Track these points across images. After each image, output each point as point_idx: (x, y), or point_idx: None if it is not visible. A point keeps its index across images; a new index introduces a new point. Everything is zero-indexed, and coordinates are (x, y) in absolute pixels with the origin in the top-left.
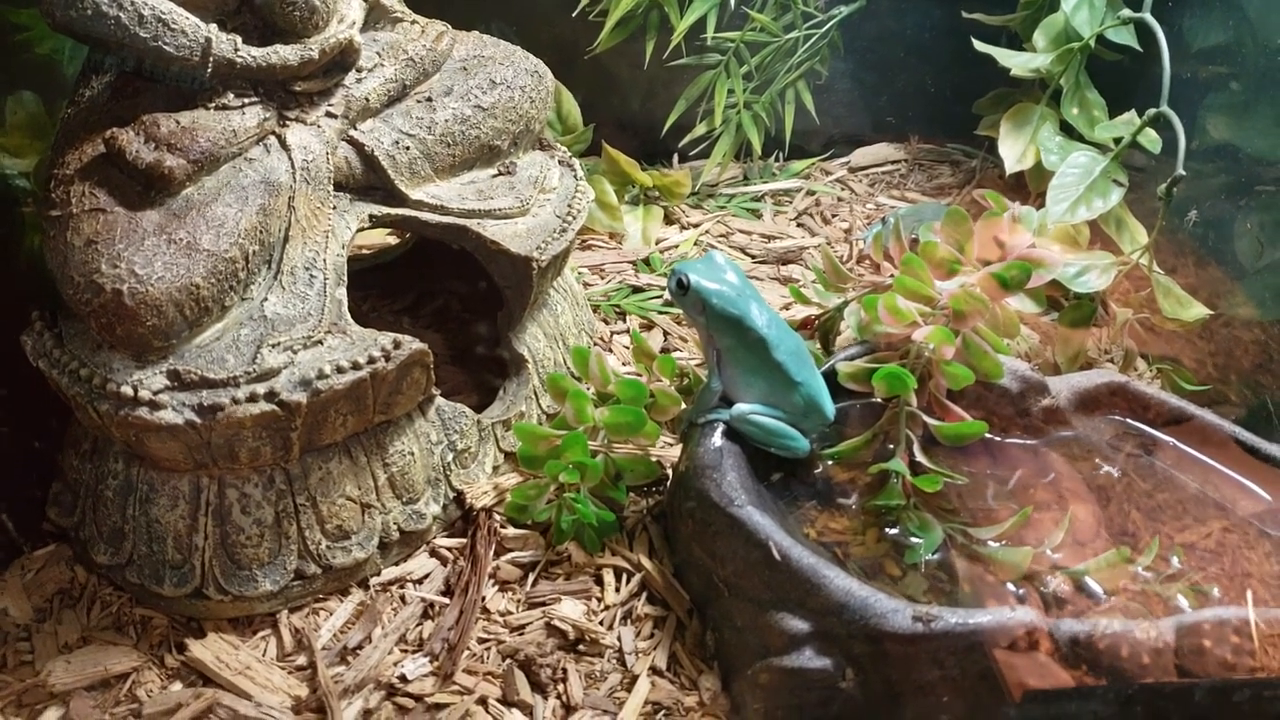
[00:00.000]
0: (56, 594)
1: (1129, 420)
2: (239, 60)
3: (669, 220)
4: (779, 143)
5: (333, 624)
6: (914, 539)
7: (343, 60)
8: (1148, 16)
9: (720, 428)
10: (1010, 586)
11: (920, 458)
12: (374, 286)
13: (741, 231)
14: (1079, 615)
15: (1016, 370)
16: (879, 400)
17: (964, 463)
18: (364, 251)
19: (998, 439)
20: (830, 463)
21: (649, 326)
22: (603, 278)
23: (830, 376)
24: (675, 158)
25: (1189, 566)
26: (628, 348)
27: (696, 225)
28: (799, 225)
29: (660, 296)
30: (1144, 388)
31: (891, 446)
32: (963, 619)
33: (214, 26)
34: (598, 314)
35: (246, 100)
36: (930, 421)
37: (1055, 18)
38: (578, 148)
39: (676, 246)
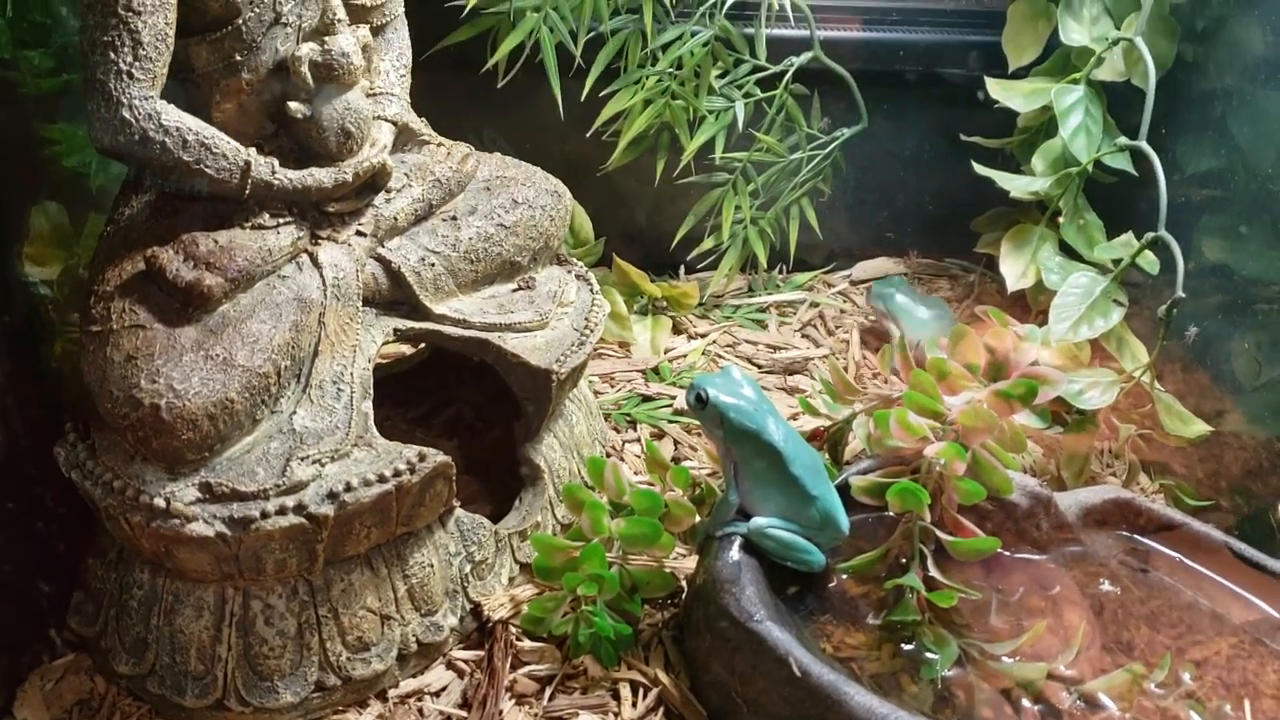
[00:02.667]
0: (76, 704)
1: (1135, 535)
2: (276, 183)
3: (677, 330)
4: (783, 256)
5: None
6: (929, 654)
7: (374, 182)
8: (1143, 144)
9: (738, 541)
10: (1026, 703)
11: (934, 572)
12: (389, 396)
13: (748, 341)
14: None
15: (1025, 486)
16: (891, 514)
17: (972, 578)
18: (380, 361)
19: (1005, 554)
20: (844, 576)
21: (659, 435)
22: (613, 386)
23: (842, 489)
24: (683, 270)
25: (1197, 683)
26: (639, 456)
27: (704, 335)
28: (804, 336)
29: (670, 405)
30: (1149, 504)
31: (905, 561)
32: None
33: (253, 150)
34: (609, 422)
35: (281, 220)
36: (944, 536)
37: (1053, 143)
38: (589, 259)
39: (685, 356)
